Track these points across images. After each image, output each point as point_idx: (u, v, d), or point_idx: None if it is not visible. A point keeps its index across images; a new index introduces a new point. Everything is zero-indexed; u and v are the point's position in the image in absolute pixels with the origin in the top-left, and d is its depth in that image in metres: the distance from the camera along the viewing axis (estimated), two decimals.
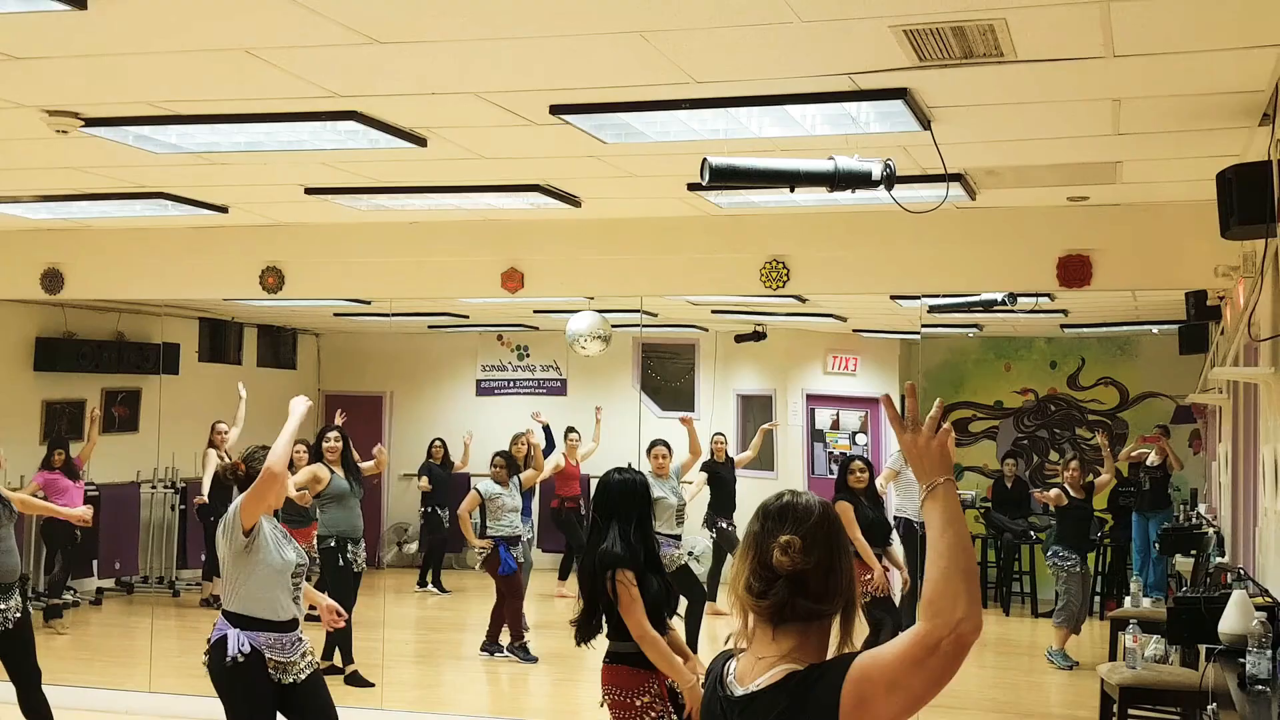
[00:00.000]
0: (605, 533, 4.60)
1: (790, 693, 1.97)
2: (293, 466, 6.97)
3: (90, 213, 7.31)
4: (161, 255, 7.92)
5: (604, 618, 4.60)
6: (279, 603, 4.76)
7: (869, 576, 7.41)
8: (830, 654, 2.05)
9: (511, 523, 8.89)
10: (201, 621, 10.00)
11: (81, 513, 6.72)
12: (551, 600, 10.24)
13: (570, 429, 10.27)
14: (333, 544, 7.90)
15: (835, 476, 7.95)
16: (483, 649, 8.95)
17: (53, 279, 8.10)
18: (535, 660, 8.80)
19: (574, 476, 10.20)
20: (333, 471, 7.94)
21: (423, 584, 10.87)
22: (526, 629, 8.95)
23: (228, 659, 4.66)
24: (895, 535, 8.25)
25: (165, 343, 9.57)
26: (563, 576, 10.40)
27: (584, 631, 4.63)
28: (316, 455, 8.01)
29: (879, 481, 8.34)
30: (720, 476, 9.76)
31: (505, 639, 8.92)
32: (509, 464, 9.02)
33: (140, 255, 7.97)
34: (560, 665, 8.71)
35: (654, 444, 8.32)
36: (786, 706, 1.97)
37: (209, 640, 4.77)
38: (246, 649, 4.67)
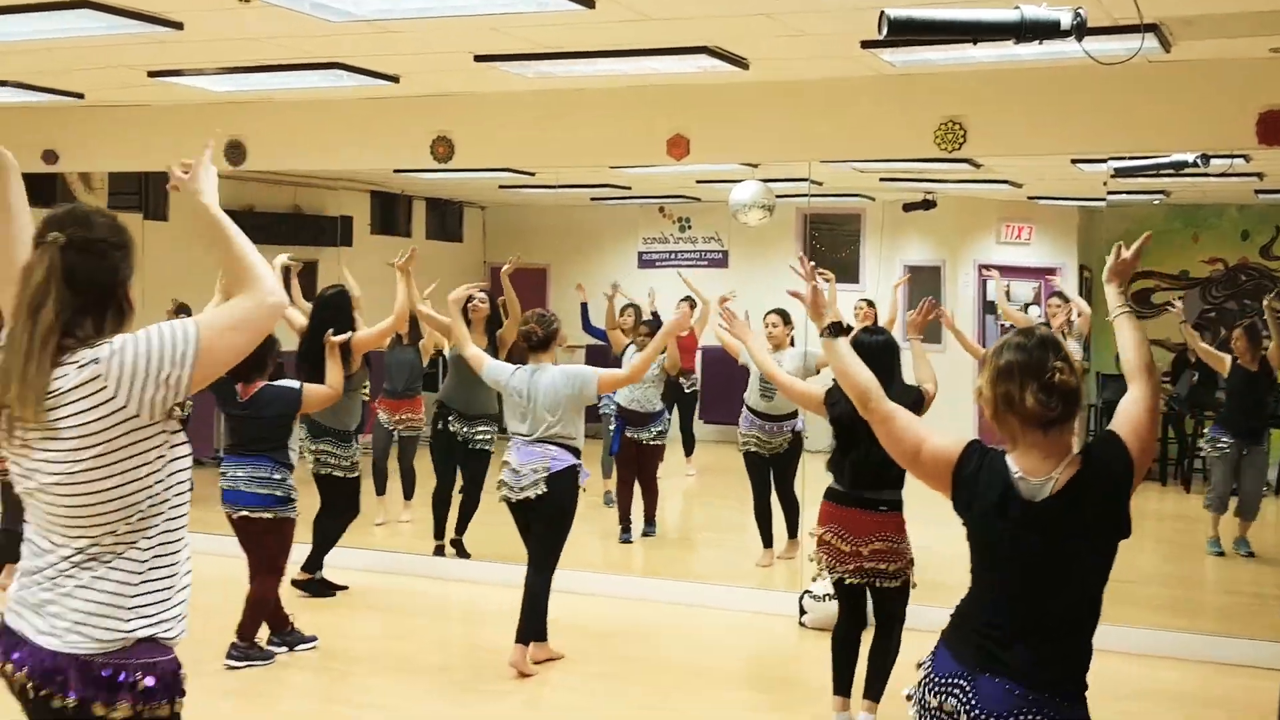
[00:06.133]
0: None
1: (1100, 467, 2.68)
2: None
3: (269, 84, 7.50)
4: (336, 127, 8.11)
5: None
6: None
7: None
8: None
9: (634, 396, 8.35)
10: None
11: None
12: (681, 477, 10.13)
13: (685, 298, 9.23)
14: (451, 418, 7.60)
15: None
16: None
17: (236, 150, 8.38)
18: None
19: (688, 349, 9.54)
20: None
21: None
22: (628, 523, 8.52)
23: (582, 485, 5.72)
24: None
25: (341, 216, 9.86)
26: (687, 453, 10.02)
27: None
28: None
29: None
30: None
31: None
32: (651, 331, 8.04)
33: (316, 127, 8.17)
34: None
35: (767, 313, 7.84)
36: (1110, 475, 2.68)
37: (547, 469, 5.57)
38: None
